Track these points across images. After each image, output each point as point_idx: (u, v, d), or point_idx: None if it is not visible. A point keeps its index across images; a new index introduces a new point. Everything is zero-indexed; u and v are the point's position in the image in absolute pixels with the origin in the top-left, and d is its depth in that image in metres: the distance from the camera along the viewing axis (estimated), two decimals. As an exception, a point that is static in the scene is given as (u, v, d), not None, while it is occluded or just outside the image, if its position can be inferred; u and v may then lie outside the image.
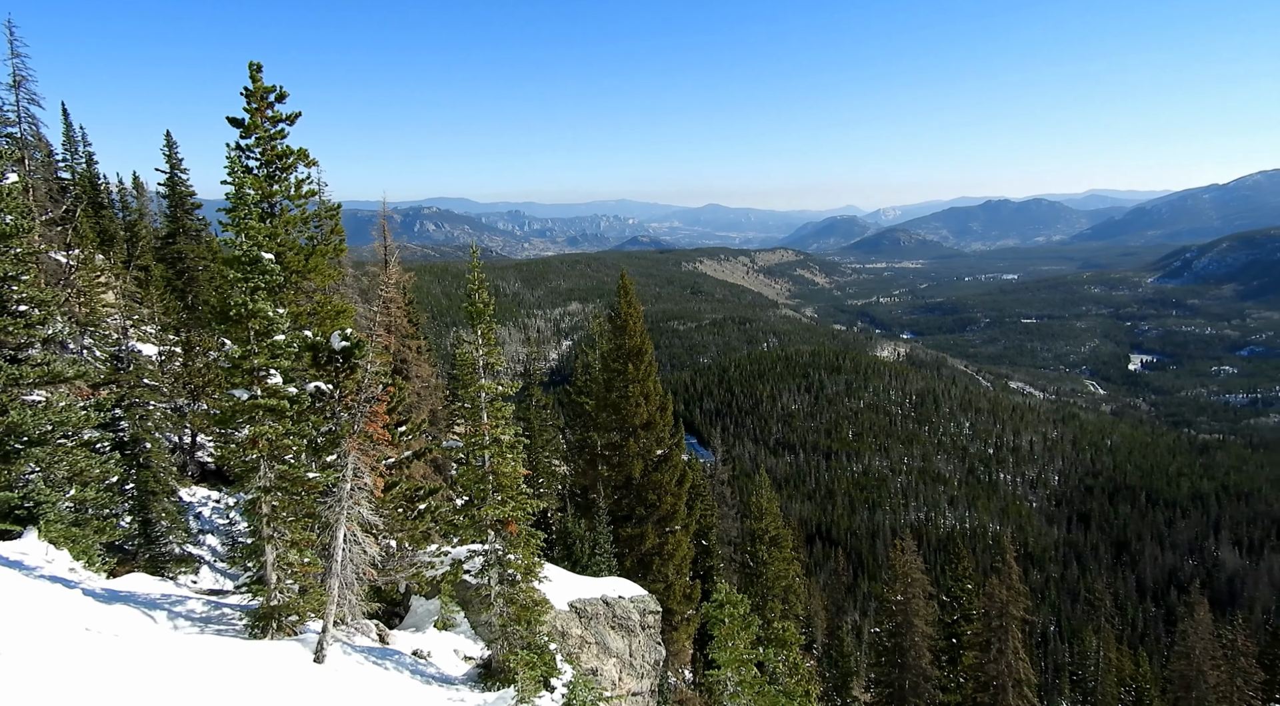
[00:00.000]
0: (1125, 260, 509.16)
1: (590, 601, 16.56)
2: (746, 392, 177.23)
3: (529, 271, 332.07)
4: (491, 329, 12.69)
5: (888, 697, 33.36)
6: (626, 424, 27.03)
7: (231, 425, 10.56)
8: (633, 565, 26.83)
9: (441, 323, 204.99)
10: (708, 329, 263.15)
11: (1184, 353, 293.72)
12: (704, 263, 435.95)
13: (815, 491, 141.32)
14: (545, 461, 35.26)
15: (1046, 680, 56.64)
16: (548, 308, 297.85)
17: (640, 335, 27.12)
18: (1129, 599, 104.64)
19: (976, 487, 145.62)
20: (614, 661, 16.47)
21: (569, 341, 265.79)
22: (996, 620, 29.74)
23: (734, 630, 12.68)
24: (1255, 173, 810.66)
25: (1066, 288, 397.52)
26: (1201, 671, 36.14)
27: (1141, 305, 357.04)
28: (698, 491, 34.21)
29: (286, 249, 14.66)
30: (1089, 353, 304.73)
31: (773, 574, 35.51)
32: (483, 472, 12.37)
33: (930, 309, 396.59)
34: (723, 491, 47.91)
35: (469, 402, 12.65)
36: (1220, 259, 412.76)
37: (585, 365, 34.49)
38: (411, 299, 28.40)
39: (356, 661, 11.34)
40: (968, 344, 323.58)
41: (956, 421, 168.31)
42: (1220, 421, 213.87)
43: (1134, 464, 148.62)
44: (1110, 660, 44.51)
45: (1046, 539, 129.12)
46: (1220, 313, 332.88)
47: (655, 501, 27.14)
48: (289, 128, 14.36)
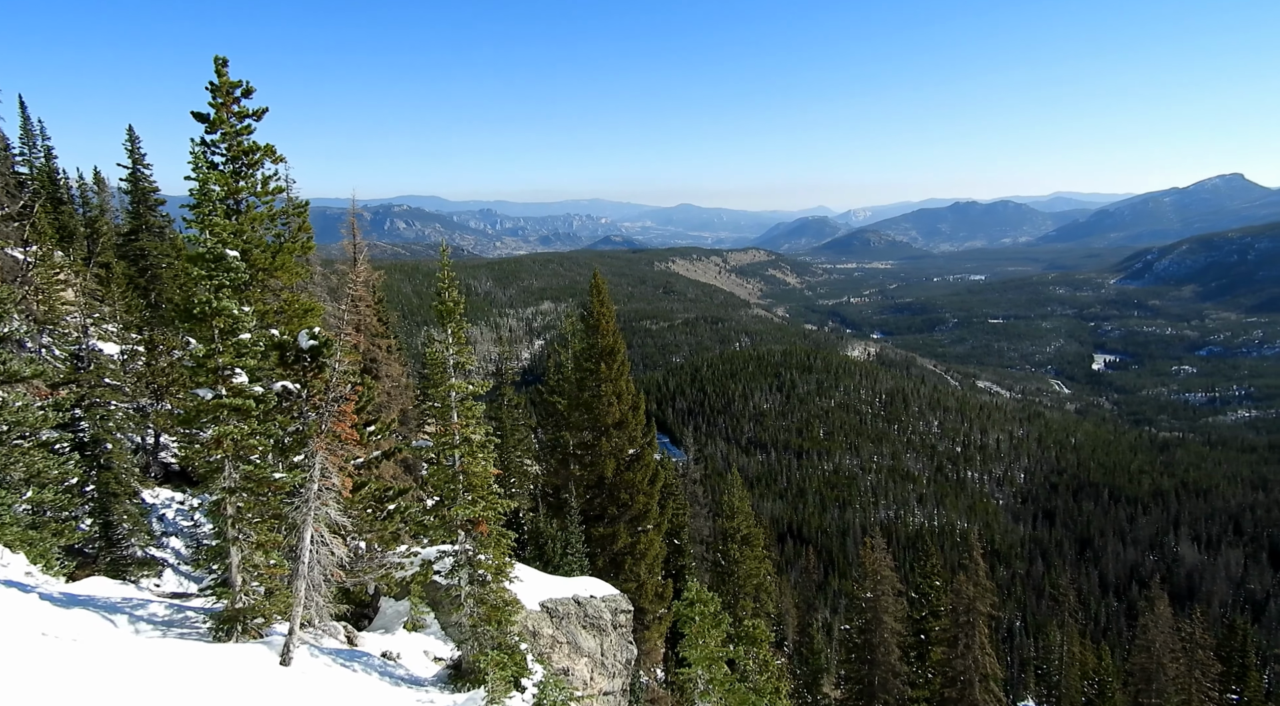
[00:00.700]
0: (1089, 261, 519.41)
1: (562, 601, 16.52)
2: (719, 392, 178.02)
3: (501, 270, 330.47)
4: (462, 327, 12.60)
5: (857, 693, 33.66)
6: (599, 423, 27.00)
7: (196, 425, 10.38)
8: (605, 564, 26.81)
9: (412, 322, 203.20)
10: (680, 328, 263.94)
11: (1145, 352, 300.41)
12: (676, 262, 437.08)
13: (787, 490, 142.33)
14: (517, 461, 35.09)
15: (1012, 674, 57.67)
16: (520, 307, 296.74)
17: (613, 334, 27.09)
18: (1092, 594, 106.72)
19: (945, 486, 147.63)
20: (586, 661, 16.45)
21: (541, 341, 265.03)
22: (964, 616, 30.16)
23: (704, 628, 12.72)
24: (1214, 177, 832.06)
25: (1032, 288, 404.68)
26: (1161, 664, 36.96)
27: (1105, 306, 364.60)
28: (670, 490, 34.30)
29: (253, 246, 14.42)
30: (1054, 352, 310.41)
31: (744, 572, 35.70)
32: (453, 472, 12.29)
33: (900, 309, 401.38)
34: (695, 490, 48.08)
35: (439, 402, 12.55)
36: (1180, 261, 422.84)
37: (558, 364, 34.35)
38: (381, 297, 28.10)
39: (324, 663, 11.20)
40: (936, 344, 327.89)
41: (925, 420, 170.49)
42: (1180, 420, 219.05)
43: (1097, 461, 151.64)
44: (1074, 654, 45.34)
45: (1013, 536, 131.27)
46: (1180, 313, 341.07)
47: (628, 500, 27.14)
48: (256, 123, 14.13)
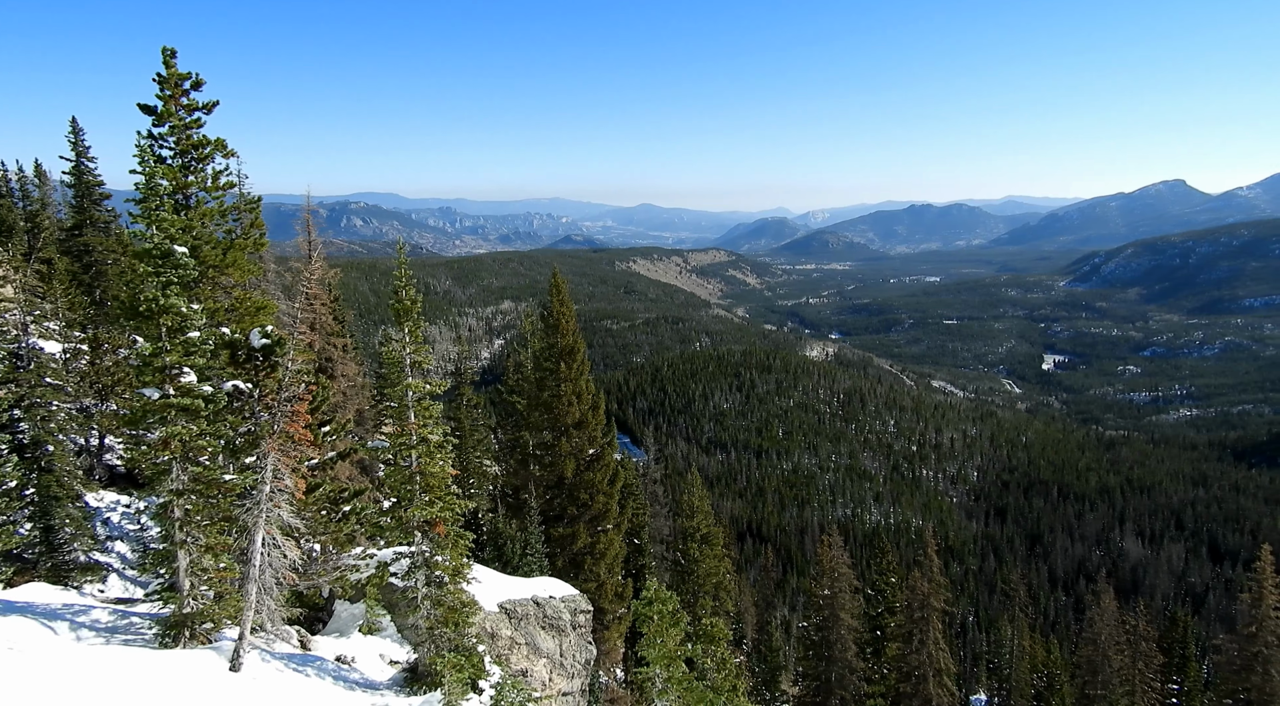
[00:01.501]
0: (1040, 264, 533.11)
1: (520, 602, 16.43)
2: (679, 392, 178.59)
3: (460, 269, 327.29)
4: (419, 326, 12.46)
5: (815, 690, 34.02)
6: (559, 423, 26.89)
7: (142, 426, 10.10)
8: (564, 565, 26.71)
9: (369, 320, 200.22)
10: (641, 328, 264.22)
11: (1093, 353, 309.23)
12: (637, 262, 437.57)
13: (746, 489, 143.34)
14: (476, 461, 34.77)
15: (965, 668, 58.75)
16: (479, 306, 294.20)
17: (573, 334, 27.01)
18: (1042, 589, 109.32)
19: (901, 484, 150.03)
20: (544, 661, 16.38)
21: (501, 340, 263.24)
22: (918, 612, 30.69)
23: (663, 627, 12.75)
24: (1158, 182, 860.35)
25: (985, 290, 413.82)
26: (1107, 656, 38.02)
27: (1054, 307, 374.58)
28: (630, 490, 34.28)
29: (203, 242, 14.06)
30: (1006, 353, 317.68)
31: (704, 571, 35.89)
32: (410, 473, 12.14)
33: (857, 310, 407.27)
34: (655, 490, 48.18)
35: (396, 401, 12.41)
36: (1126, 264, 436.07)
37: (517, 364, 34.14)
38: (337, 296, 27.65)
39: (275, 668, 10.98)
40: (893, 344, 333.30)
41: (882, 419, 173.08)
42: (1125, 418, 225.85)
43: (1047, 459, 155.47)
44: (1024, 648, 46.41)
45: (966, 533, 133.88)
46: (1126, 315, 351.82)
47: (587, 501, 27.07)
48: (206, 116, 13.78)
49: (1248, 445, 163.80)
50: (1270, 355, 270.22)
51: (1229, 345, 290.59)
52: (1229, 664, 33.11)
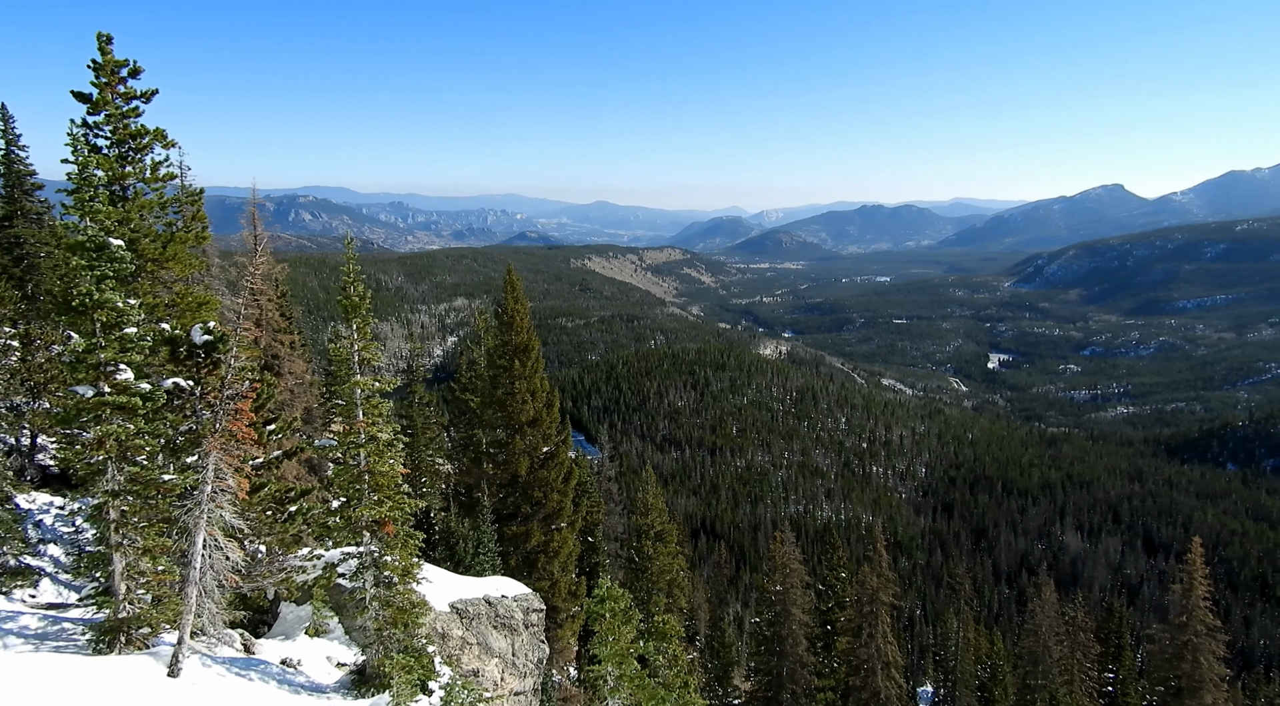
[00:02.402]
0: (986, 265, 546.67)
1: (472, 601, 16.28)
2: (634, 390, 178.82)
3: (413, 265, 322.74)
4: (368, 323, 12.25)
5: (766, 685, 34.40)
6: (512, 421, 26.70)
7: (76, 425, 9.74)
8: (518, 563, 26.55)
9: (318, 317, 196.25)
10: (596, 326, 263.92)
11: (1036, 352, 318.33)
12: (593, 260, 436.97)
13: (700, 486, 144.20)
14: (428, 460, 34.36)
15: (913, 661, 60.12)
16: (432, 303, 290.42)
17: (527, 331, 26.83)
18: (986, 582, 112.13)
19: (851, 480, 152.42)
20: (496, 661, 16.26)
21: (454, 337, 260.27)
22: (867, 606, 31.22)
23: (614, 625, 12.76)
24: (1097, 187, 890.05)
25: (934, 290, 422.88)
26: (1047, 647, 39.17)
27: (999, 308, 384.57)
28: (584, 488, 34.22)
29: (141, 235, 13.61)
30: (953, 352, 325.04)
31: (658, 568, 36.02)
32: (358, 472, 11.94)
33: (810, 309, 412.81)
34: (610, 488, 48.16)
35: (344, 399, 12.18)
36: (1067, 266, 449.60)
37: (471, 361, 33.79)
38: (285, 291, 27.02)
39: (217, 673, 10.70)
40: (844, 343, 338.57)
41: (834, 417, 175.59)
42: (1066, 416, 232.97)
43: (992, 456, 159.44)
44: (969, 640, 47.56)
45: (914, 528, 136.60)
46: (1067, 315, 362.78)
47: (541, 499, 26.94)
48: (144, 105, 13.32)
49: (1180, 442, 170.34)
50: (1202, 355, 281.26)
51: (1163, 345, 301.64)
52: (1161, 652, 34.40)
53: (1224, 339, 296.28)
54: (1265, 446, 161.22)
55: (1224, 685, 33.08)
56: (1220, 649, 32.09)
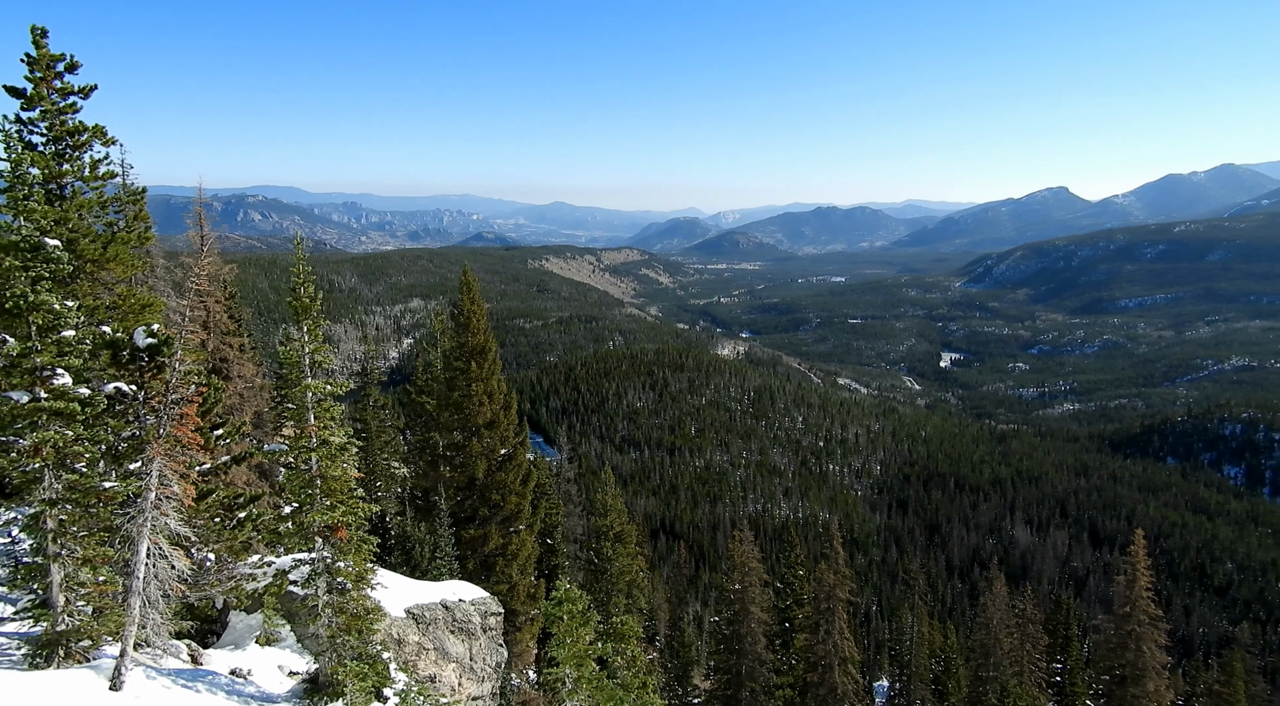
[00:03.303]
0: (937, 265, 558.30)
1: (429, 606, 16.08)
2: (593, 391, 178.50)
3: (367, 266, 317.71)
4: (319, 324, 12.02)
5: (726, 683, 34.61)
6: (469, 423, 26.45)
7: (10, 431, 9.38)
8: (475, 567, 26.31)
9: (269, 319, 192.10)
10: (554, 327, 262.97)
11: (986, 351, 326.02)
12: (550, 260, 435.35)
13: (659, 487, 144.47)
14: (383, 463, 33.89)
15: (869, 656, 60.93)
16: (387, 304, 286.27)
17: (484, 333, 26.61)
18: (940, 577, 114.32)
19: (808, 479, 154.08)
20: (454, 666, 16.08)
21: (410, 339, 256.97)
22: (825, 603, 31.60)
23: (573, 627, 12.71)
24: (1043, 189, 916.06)
25: (887, 290, 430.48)
26: (998, 639, 40.10)
27: (951, 307, 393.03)
28: (543, 490, 34.06)
29: (80, 235, 13.17)
30: (906, 351, 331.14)
31: (617, 569, 35.96)
32: (310, 477, 11.71)
33: (767, 309, 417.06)
34: (568, 490, 47.98)
35: (295, 403, 11.94)
36: (1015, 266, 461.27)
37: (427, 364, 33.39)
38: (233, 293, 26.38)
39: (162, 686, 10.39)
40: (801, 342, 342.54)
41: (791, 416, 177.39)
42: (1015, 413, 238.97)
43: (944, 453, 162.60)
44: (923, 634, 48.38)
45: (870, 525, 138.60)
46: (1015, 315, 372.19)
47: (499, 501, 26.74)
48: (82, 101, 12.90)
49: (1123, 437, 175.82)
50: (1143, 352, 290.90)
51: (1107, 343, 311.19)
52: (1106, 642, 35.49)
53: (1164, 337, 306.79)
54: (1202, 441, 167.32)
55: (1166, 673, 34.28)
56: (1162, 637, 33.21)
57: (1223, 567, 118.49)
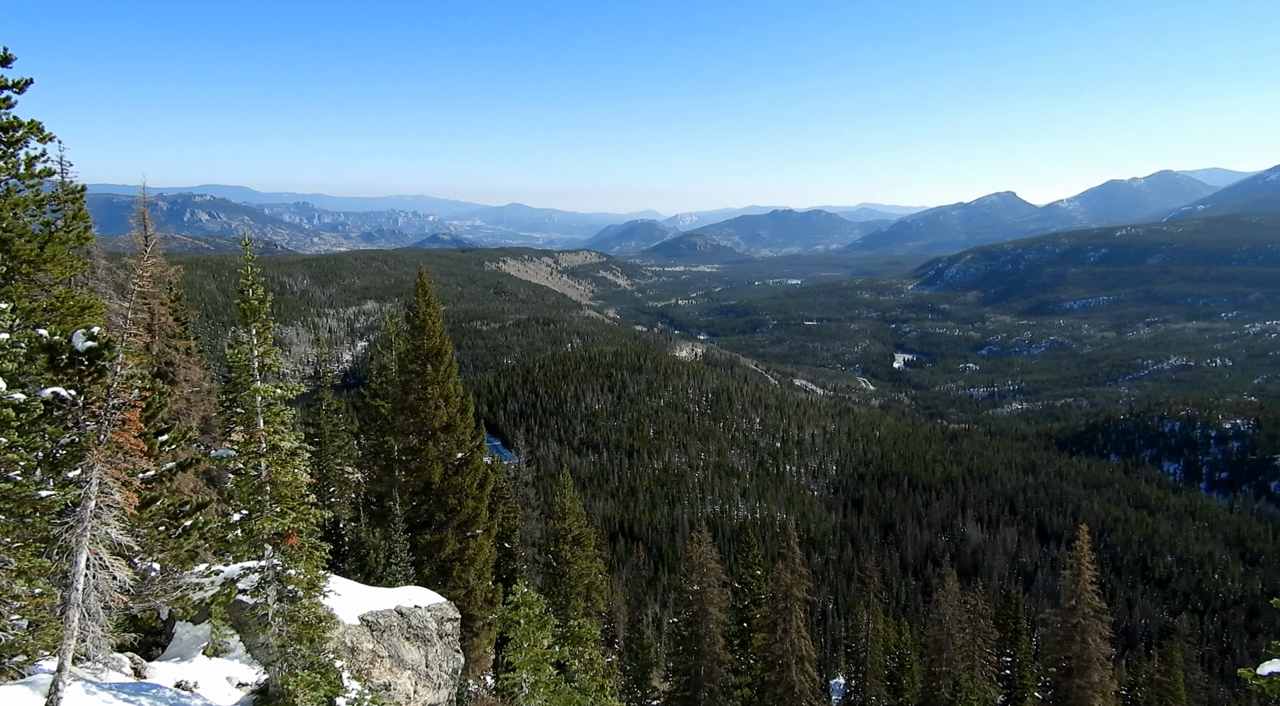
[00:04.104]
0: (891, 268, 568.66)
1: (383, 613, 15.83)
2: (551, 393, 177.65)
3: (319, 268, 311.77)
4: (268, 327, 11.76)
5: (685, 684, 34.70)
6: (425, 427, 26.13)
7: (-61, 439, 8.99)
8: (432, 573, 25.98)
9: (217, 322, 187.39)
10: (511, 329, 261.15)
11: (937, 352, 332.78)
12: (507, 262, 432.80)
13: (618, 489, 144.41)
14: (336, 469, 33.25)
15: (825, 654, 61.69)
16: (341, 306, 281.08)
17: (440, 335, 26.31)
18: (894, 574, 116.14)
19: (766, 479, 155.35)
20: (409, 673, 15.85)
21: (364, 342, 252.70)
22: (782, 602, 31.88)
23: (529, 631, 12.63)
24: (991, 194, 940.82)
25: (842, 293, 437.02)
26: (951, 635, 40.89)
27: (904, 309, 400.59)
28: (500, 494, 33.78)
29: (14, 235, 12.70)
30: (861, 352, 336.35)
31: (575, 573, 35.83)
32: (259, 483, 11.45)
33: (724, 311, 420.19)
34: (526, 493, 47.80)
35: (244, 407, 11.66)
36: (965, 269, 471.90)
37: (381, 367, 32.90)
38: (180, 295, 25.71)
39: (103, 701, 10.06)
40: (758, 344, 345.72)
41: (748, 417, 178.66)
42: (966, 412, 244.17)
43: (898, 452, 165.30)
44: (878, 631, 49.17)
45: (826, 524, 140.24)
46: (966, 316, 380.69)
47: (456, 506, 26.45)
48: (17, 96, 12.43)
49: (1069, 435, 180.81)
50: (1087, 353, 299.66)
51: (1053, 344, 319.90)
52: (1053, 635, 36.41)
53: (1107, 338, 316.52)
54: (1143, 438, 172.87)
55: (1109, 663, 35.28)
56: (1106, 629, 34.18)
57: (1163, 560, 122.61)
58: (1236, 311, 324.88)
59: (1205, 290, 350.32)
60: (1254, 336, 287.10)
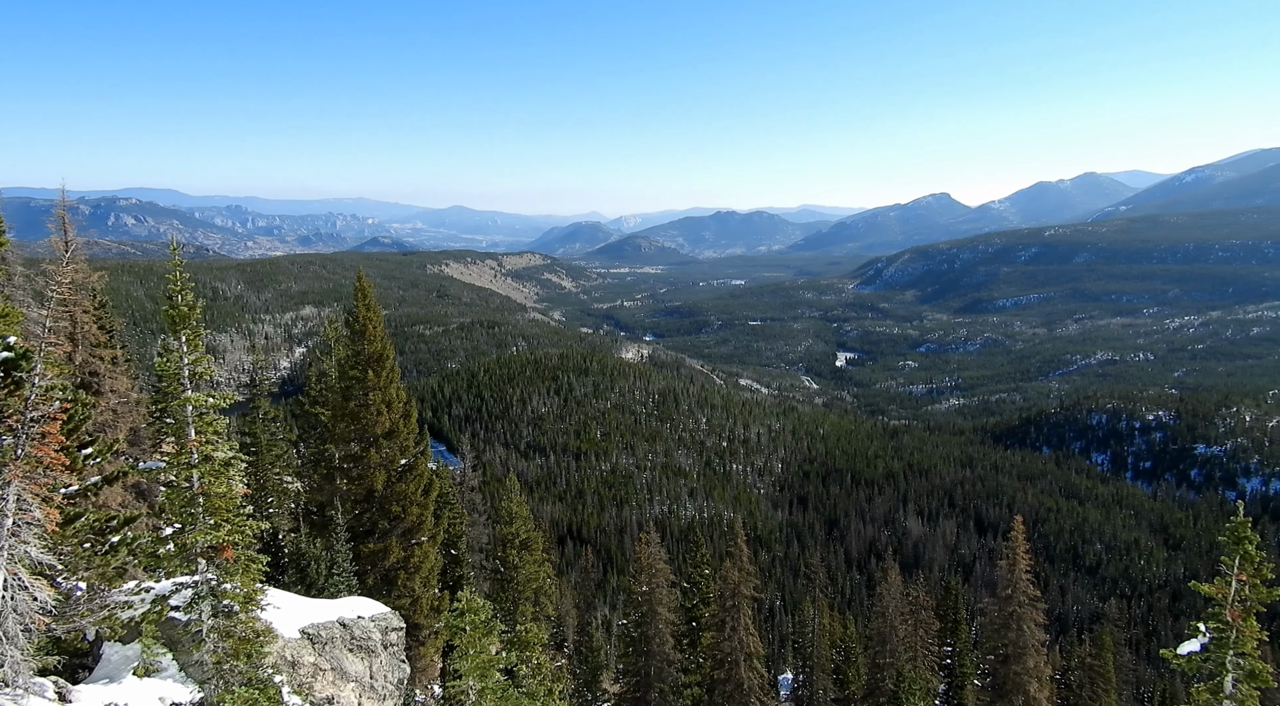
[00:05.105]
0: (832, 268, 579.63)
1: (325, 625, 15.44)
2: (496, 397, 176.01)
3: (254, 272, 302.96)
4: (199, 334, 11.39)
5: (634, 685, 34.72)
6: (367, 434, 25.63)
7: None
8: (376, 582, 25.50)
9: (146, 330, 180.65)
10: (455, 333, 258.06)
11: (878, 350, 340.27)
12: (450, 265, 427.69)
13: (566, 492, 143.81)
14: (274, 478, 32.43)
15: (773, 650, 62.45)
16: (277, 312, 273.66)
17: (381, 340, 25.84)
18: (839, 569, 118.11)
19: (713, 479, 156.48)
20: (353, 686, 15.51)
21: (303, 348, 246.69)
22: (730, 600, 32.15)
23: (475, 638, 12.50)
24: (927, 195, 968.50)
25: (785, 293, 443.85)
26: (894, 626, 41.80)
27: (845, 308, 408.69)
28: (446, 500, 33.36)
29: (-78, 240, 12.06)
30: (804, 351, 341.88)
31: (524, 577, 35.55)
32: (191, 495, 11.07)
33: (670, 312, 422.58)
34: (473, 498, 47.13)
35: (174, 417, 11.27)
36: (903, 269, 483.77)
37: (321, 373, 32.15)
38: (104, 302, 24.69)
39: (26, 728, 9.60)
40: (703, 345, 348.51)
41: (695, 418, 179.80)
42: (906, 409, 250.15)
43: (841, 449, 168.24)
44: (824, 626, 49.93)
45: (772, 521, 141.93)
46: (904, 315, 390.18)
47: (400, 513, 26.00)
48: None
49: (1004, 429, 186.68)
50: (1020, 349, 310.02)
51: (987, 341, 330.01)
52: (991, 623, 37.50)
53: (1037, 334, 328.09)
54: (1073, 431, 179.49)
55: (1044, 649, 36.47)
56: (1040, 617, 35.34)
57: (1093, 548, 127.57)
58: (1157, 307, 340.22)
59: (1128, 288, 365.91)
60: (1173, 331, 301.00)
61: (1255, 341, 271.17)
